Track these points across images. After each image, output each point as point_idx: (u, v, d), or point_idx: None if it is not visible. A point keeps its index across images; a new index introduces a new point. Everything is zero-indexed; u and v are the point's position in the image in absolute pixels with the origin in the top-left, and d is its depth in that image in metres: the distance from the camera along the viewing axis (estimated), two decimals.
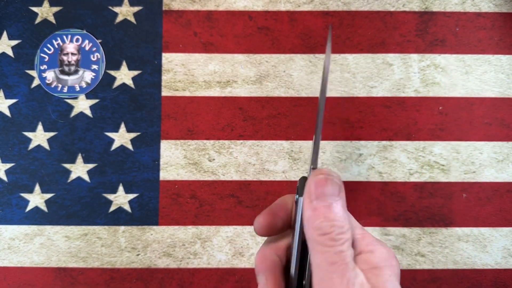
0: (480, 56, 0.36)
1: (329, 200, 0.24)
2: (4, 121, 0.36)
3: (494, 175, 0.35)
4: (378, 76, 0.36)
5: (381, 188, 0.35)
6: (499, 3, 0.37)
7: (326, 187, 0.24)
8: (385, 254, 0.23)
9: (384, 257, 0.23)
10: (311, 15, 0.37)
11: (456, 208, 0.35)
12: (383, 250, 0.24)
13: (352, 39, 0.37)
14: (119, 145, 0.36)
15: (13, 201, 0.35)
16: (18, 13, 0.37)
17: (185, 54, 0.36)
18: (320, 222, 0.23)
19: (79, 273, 0.34)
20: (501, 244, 0.35)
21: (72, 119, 0.36)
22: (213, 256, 0.34)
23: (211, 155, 0.36)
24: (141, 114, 0.36)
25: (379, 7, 0.37)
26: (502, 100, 0.36)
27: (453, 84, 0.36)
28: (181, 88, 0.36)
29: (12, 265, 0.34)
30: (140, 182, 0.35)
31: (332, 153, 0.35)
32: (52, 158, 0.35)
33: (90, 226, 0.35)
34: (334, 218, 0.24)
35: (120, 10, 0.37)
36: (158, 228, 0.35)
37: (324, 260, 0.23)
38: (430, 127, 0.36)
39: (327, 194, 0.24)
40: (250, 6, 0.37)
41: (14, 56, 0.36)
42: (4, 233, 0.35)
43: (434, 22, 0.37)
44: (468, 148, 0.36)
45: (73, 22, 0.37)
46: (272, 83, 0.36)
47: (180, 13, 0.37)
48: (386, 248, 0.24)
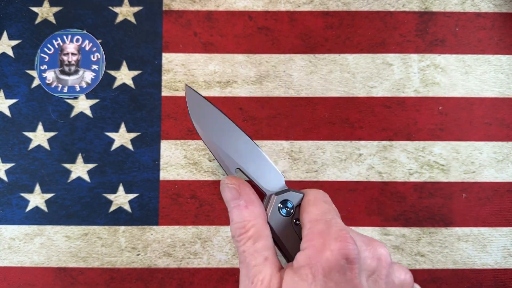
0: (480, 56, 0.37)
1: (231, 204, 0.27)
2: (4, 121, 0.36)
3: (494, 175, 0.35)
4: (378, 76, 0.36)
5: (381, 188, 0.35)
6: (499, 3, 0.37)
7: (224, 194, 0.27)
8: (312, 251, 0.23)
9: (309, 255, 0.23)
10: (311, 15, 0.37)
11: (456, 208, 0.35)
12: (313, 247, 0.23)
13: (352, 39, 0.37)
14: (119, 145, 0.36)
15: (13, 201, 0.35)
16: (18, 13, 0.37)
17: (185, 54, 0.37)
18: (232, 225, 0.26)
19: (79, 273, 0.34)
20: (501, 244, 0.35)
21: (72, 119, 0.36)
22: (213, 256, 0.35)
23: (211, 155, 0.36)
24: (141, 114, 0.36)
25: (379, 7, 0.37)
26: (502, 100, 0.36)
27: (453, 84, 0.36)
28: (181, 88, 0.36)
29: (12, 265, 0.34)
30: (140, 182, 0.35)
31: (332, 153, 0.35)
32: (52, 158, 0.35)
33: (90, 226, 0.35)
34: (234, 220, 0.26)
35: (120, 10, 0.37)
36: (158, 228, 0.35)
37: (241, 260, 0.25)
38: (430, 127, 0.36)
39: (227, 201, 0.27)
40: (250, 6, 0.37)
41: (14, 56, 0.36)
42: (4, 233, 0.35)
43: (434, 22, 0.37)
44: (468, 148, 0.36)
45: (73, 22, 0.37)
46: (272, 83, 0.36)
47: (180, 13, 0.37)
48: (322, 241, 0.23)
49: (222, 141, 0.29)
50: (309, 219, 0.25)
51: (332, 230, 0.23)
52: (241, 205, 0.26)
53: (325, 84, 0.36)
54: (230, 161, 0.28)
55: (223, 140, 0.29)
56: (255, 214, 0.26)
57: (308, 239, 0.24)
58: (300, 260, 0.23)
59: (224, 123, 0.29)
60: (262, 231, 0.25)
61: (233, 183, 0.27)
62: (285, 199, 0.27)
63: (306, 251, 0.23)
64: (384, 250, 0.24)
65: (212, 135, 0.29)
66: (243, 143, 0.29)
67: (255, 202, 0.26)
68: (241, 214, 0.26)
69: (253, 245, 0.25)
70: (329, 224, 0.23)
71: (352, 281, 0.21)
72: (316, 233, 0.23)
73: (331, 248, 0.22)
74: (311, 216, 0.25)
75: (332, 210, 0.25)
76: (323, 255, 0.22)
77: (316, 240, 0.23)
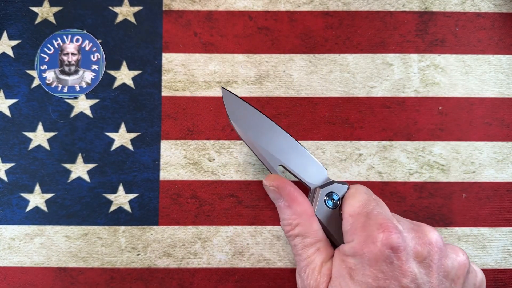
0: (480, 56, 0.37)
1: (276, 204, 0.28)
2: (4, 121, 0.36)
3: (494, 175, 0.35)
4: (378, 76, 0.36)
5: (381, 188, 0.35)
6: (499, 3, 0.37)
7: (269, 194, 0.28)
8: (357, 244, 0.23)
9: (355, 248, 0.23)
10: (311, 15, 0.37)
11: (456, 208, 0.35)
12: (357, 240, 0.23)
13: (352, 39, 0.37)
14: (119, 145, 0.36)
15: (13, 201, 0.35)
16: (18, 13, 0.37)
17: (185, 54, 0.37)
18: (281, 223, 0.28)
19: (79, 273, 0.34)
20: (501, 244, 0.35)
21: (72, 119, 0.36)
22: (213, 256, 0.35)
23: (211, 155, 0.36)
24: (141, 114, 0.36)
25: (379, 7, 0.37)
26: (502, 100, 0.36)
27: (453, 84, 0.36)
28: (181, 88, 0.36)
29: (12, 265, 0.34)
30: (140, 182, 0.35)
31: (332, 153, 0.35)
32: (52, 158, 0.35)
33: (90, 226, 0.35)
34: (282, 218, 0.27)
35: (120, 10, 0.37)
36: (158, 228, 0.35)
37: (293, 251, 0.27)
38: (430, 127, 0.36)
39: (273, 199, 0.28)
40: (250, 6, 0.37)
41: (14, 56, 0.36)
42: (4, 233, 0.35)
43: (434, 22, 0.37)
44: (468, 148, 0.36)
45: (73, 22, 0.37)
46: (272, 83, 0.36)
47: (180, 13, 0.37)
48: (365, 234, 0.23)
49: (262, 139, 0.29)
50: (350, 213, 0.25)
51: (373, 222, 0.23)
52: (283, 205, 0.27)
53: (325, 84, 0.36)
54: (272, 158, 0.29)
55: (263, 138, 0.29)
56: (299, 211, 0.27)
57: (352, 233, 0.24)
58: (346, 250, 0.24)
59: (262, 121, 0.29)
60: (309, 227, 0.26)
61: (271, 184, 0.28)
62: (330, 191, 0.28)
63: (351, 244, 0.24)
64: (435, 234, 0.24)
65: (252, 135, 0.29)
66: (283, 140, 0.29)
67: (297, 200, 0.27)
68: (285, 213, 0.27)
69: (302, 240, 0.26)
70: (369, 216, 0.24)
71: (400, 268, 0.22)
72: (359, 226, 0.24)
73: (374, 239, 0.22)
74: (351, 209, 0.25)
75: (372, 201, 0.25)
76: (367, 248, 0.22)
77: (359, 234, 0.23)
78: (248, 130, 0.29)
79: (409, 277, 0.21)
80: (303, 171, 0.29)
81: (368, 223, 0.23)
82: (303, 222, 0.26)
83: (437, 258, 0.23)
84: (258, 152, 0.29)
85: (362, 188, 0.27)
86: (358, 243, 0.23)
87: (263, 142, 0.29)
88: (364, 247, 0.23)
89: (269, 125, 0.29)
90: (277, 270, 0.34)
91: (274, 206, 0.35)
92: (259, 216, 0.35)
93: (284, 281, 0.34)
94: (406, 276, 0.21)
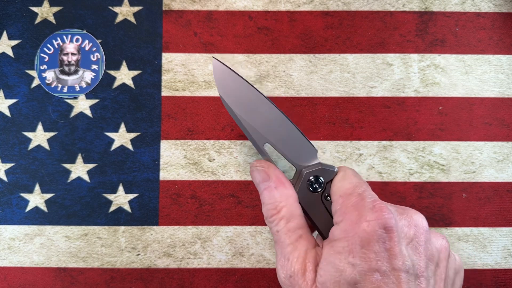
0: (480, 56, 0.36)
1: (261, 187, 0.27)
2: (4, 121, 0.36)
3: (494, 175, 0.35)
4: (378, 76, 0.36)
5: (381, 188, 0.35)
6: (499, 3, 0.37)
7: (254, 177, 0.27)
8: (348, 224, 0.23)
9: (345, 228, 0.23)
10: (311, 15, 0.37)
11: (456, 208, 0.35)
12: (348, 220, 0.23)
13: (352, 39, 0.37)
14: (119, 145, 0.36)
15: (13, 201, 0.35)
16: (18, 13, 0.37)
17: (185, 54, 0.37)
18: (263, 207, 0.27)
19: (79, 273, 0.34)
20: (501, 244, 0.35)
21: (72, 119, 0.36)
22: (213, 256, 0.35)
23: (211, 155, 0.36)
24: (141, 114, 0.36)
25: (379, 7, 0.37)
26: (502, 100, 0.36)
27: (453, 84, 0.36)
28: (181, 88, 0.36)
29: (12, 265, 0.34)
30: (140, 182, 0.35)
31: (332, 153, 0.35)
32: (52, 158, 0.35)
33: (90, 226, 0.35)
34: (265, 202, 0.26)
35: (120, 10, 0.37)
36: (158, 228, 0.35)
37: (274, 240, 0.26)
38: (430, 127, 0.36)
39: (257, 183, 0.27)
40: (250, 6, 0.37)
41: (14, 56, 0.36)
42: (4, 233, 0.35)
43: (434, 22, 0.37)
44: (468, 148, 0.36)
45: (73, 22, 0.37)
46: (272, 83, 0.36)
47: (180, 13, 0.37)
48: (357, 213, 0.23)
49: (250, 115, 0.27)
50: (340, 194, 0.24)
51: (366, 202, 0.23)
52: (271, 187, 0.26)
53: (325, 84, 0.36)
54: (258, 136, 0.27)
55: (251, 114, 0.27)
56: (286, 194, 0.26)
57: (342, 212, 0.23)
58: (336, 234, 0.23)
59: (254, 96, 0.28)
60: (294, 210, 0.26)
61: (261, 165, 0.27)
62: (316, 175, 0.27)
63: (341, 225, 0.23)
64: (420, 216, 0.24)
65: (239, 109, 0.27)
66: (273, 117, 0.28)
67: (284, 183, 0.27)
68: (272, 195, 0.26)
69: (286, 224, 0.25)
70: (362, 196, 0.23)
71: (392, 250, 0.21)
72: (350, 206, 0.23)
73: (367, 219, 0.22)
74: (342, 190, 0.25)
75: (363, 183, 0.25)
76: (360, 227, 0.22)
77: (351, 213, 0.23)
78: (236, 104, 0.27)
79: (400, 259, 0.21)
80: (291, 151, 0.28)
81: (361, 203, 0.23)
82: (289, 205, 0.26)
83: (423, 240, 0.23)
84: (244, 128, 0.27)
85: (351, 171, 0.26)
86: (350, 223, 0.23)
87: (251, 118, 0.27)
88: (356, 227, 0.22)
89: (260, 101, 0.28)
90: None
91: None
92: (259, 216, 0.35)
93: None
94: (397, 258, 0.21)
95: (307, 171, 0.27)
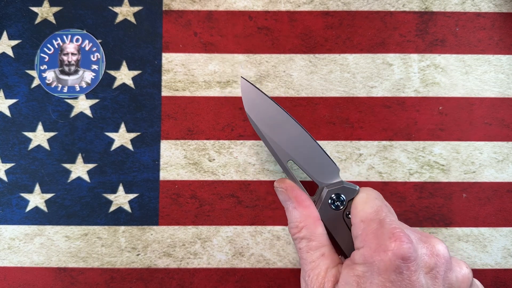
0: (480, 56, 0.36)
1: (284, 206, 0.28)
2: (4, 121, 0.36)
3: (494, 175, 0.35)
4: (378, 76, 0.36)
5: (381, 188, 0.35)
6: (499, 3, 0.37)
7: (279, 195, 0.28)
8: (367, 251, 0.23)
9: (365, 254, 0.23)
10: (311, 15, 0.37)
11: (456, 208, 0.35)
12: (368, 247, 0.24)
13: (352, 39, 0.37)
14: (119, 145, 0.36)
15: (13, 201, 0.35)
16: (18, 13, 0.37)
17: (185, 54, 0.37)
18: (288, 225, 0.28)
19: (79, 273, 0.34)
20: (501, 244, 0.35)
21: (72, 119, 0.36)
22: (213, 256, 0.35)
23: (211, 155, 0.36)
24: (141, 114, 0.36)
25: (379, 7, 0.37)
26: (502, 100, 0.36)
27: (453, 84, 0.36)
28: (181, 88, 0.36)
29: (12, 265, 0.34)
30: (140, 182, 0.35)
31: (332, 153, 0.35)
32: (52, 158, 0.35)
33: (90, 226, 0.35)
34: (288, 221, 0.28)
35: (120, 10, 0.37)
36: (158, 228, 0.35)
37: (300, 258, 0.27)
38: (430, 127, 0.36)
39: (282, 202, 0.28)
40: (250, 6, 0.37)
41: (14, 56, 0.36)
42: (4, 233, 0.35)
43: (434, 22, 0.37)
44: (468, 148, 0.36)
45: (73, 22, 0.37)
46: (272, 83, 0.36)
47: (180, 13, 0.37)
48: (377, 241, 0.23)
49: (275, 133, 0.28)
50: (362, 218, 0.25)
51: (385, 230, 0.23)
52: (291, 207, 0.27)
53: (325, 84, 0.36)
54: (282, 152, 0.28)
55: (276, 132, 0.28)
56: (305, 215, 0.27)
57: (362, 239, 0.24)
58: (357, 258, 0.24)
59: (278, 114, 0.29)
60: (314, 229, 0.26)
61: (281, 186, 0.28)
62: (338, 193, 0.27)
63: (361, 251, 0.24)
64: (442, 246, 0.24)
65: (265, 127, 0.29)
66: (297, 134, 0.29)
67: (304, 203, 0.27)
68: (292, 215, 0.27)
69: (307, 243, 0.26)
70: (382, 223, 0.24)
71: (409, 279, 0.22)
72: (370, 233, 0.24)
73: (386, 248, 0.22)
74: (363, 215, 0.25)
75: (385, 208, 0.25)
76: (379, 256, 0.22)
77: (371, 241, 0.23)
78: (263, 123, 0.29)
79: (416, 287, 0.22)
80: (313, 168, 0.28)
81: (381, 231, 0.23)
82: (308, 225, 0.26)
83: (443, 270, 0.23)
84: (269, 145, 0.29)
85: (373, 194, 0.27)
86: (369, 250, 0.23)
87: (276, 136, 0.28)
88: (375, 255, 0.23)
89: (284, 119, 0.29)
90: (277, 270, 0.34)
91: (274, 206, 0.35)
92: (259, 216, 0.35)
93: (284, 281, 0.34)
94: (414, 287, 0.22)
95: (329, 189, 0.28)
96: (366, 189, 0.27)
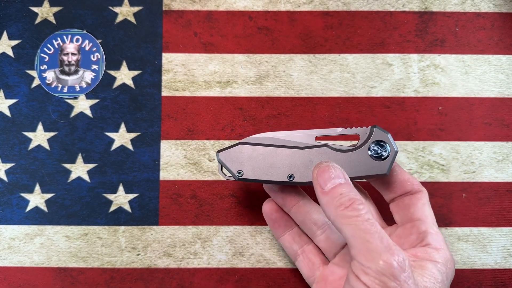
0: (479, 56, 0.37)
1: (338, 181, 0.26)
2: (4, 121, 0.36)
3: (494, 175, 0.35)
4: (378, 76, 0.36)
5: None
6: (499, 3, 0.37)
7: (329, 172, 0.27)
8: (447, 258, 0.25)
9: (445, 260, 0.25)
10: (311, 15, 0.37)
11: (456, 208, 0.35)
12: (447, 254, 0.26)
13: (352, 39, 0.37)
14: (119, 145, 0.36)
15: (13, 201, 0.35)
16: (18, 13, 0.37)
17: (185, 54, 0.37)
18: (339, 199, 0.25)
19: (79, 273, 0.34)
20: (501, 244, 0.35)
21: (72, 119, 0.36)
22: (213, 256, 0.35)
23: (211, 155, 0.36)
24: (141, 114, 0.36)
25: (379, 7, 0.37)
26: (502, 100, 0.36)
27: (453, 84, 0.36)
28: (181, 88, 0.36)
29: (12, 265, 0.34)
30: (140, 182, 0.35)
31: None
32: (52, 158, 0.35)
33: (90, 226, 0.35)
34: (349, 193, 0.25)
35: (120, 10, 0.37)
36: (158, 228, 0.35)
37: (357, 229, 0.24)
38: (430, 127, 0.36)
39: (333, 177, 0.26)
40: (250, 6, 0.37)
41: (14, 56, 0.36)
42: (4, 233, 0.35)
43: (434, 22, 0.37)
44: (467, 148, 0.36)
45: (73, 22, 0.37)
46: (272, 83, 0.36)
47: (180, 13, 0.37)
48: (450, 256, 0.26)
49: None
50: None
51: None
52: (349, 183, 0.27)
53: (325, 84, 0.36)
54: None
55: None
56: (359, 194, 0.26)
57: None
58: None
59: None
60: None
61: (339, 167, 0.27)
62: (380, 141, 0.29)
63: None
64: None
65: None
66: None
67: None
68: (352, 188, 0.26)
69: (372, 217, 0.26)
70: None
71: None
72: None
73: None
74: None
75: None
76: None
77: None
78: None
79: None
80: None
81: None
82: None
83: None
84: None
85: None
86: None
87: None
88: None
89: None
90: (277, 270, 0.34)
91: None
92: (259, 216, 0.35)
93: (284, 281, 0.34)
94: None
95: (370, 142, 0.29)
96: None
